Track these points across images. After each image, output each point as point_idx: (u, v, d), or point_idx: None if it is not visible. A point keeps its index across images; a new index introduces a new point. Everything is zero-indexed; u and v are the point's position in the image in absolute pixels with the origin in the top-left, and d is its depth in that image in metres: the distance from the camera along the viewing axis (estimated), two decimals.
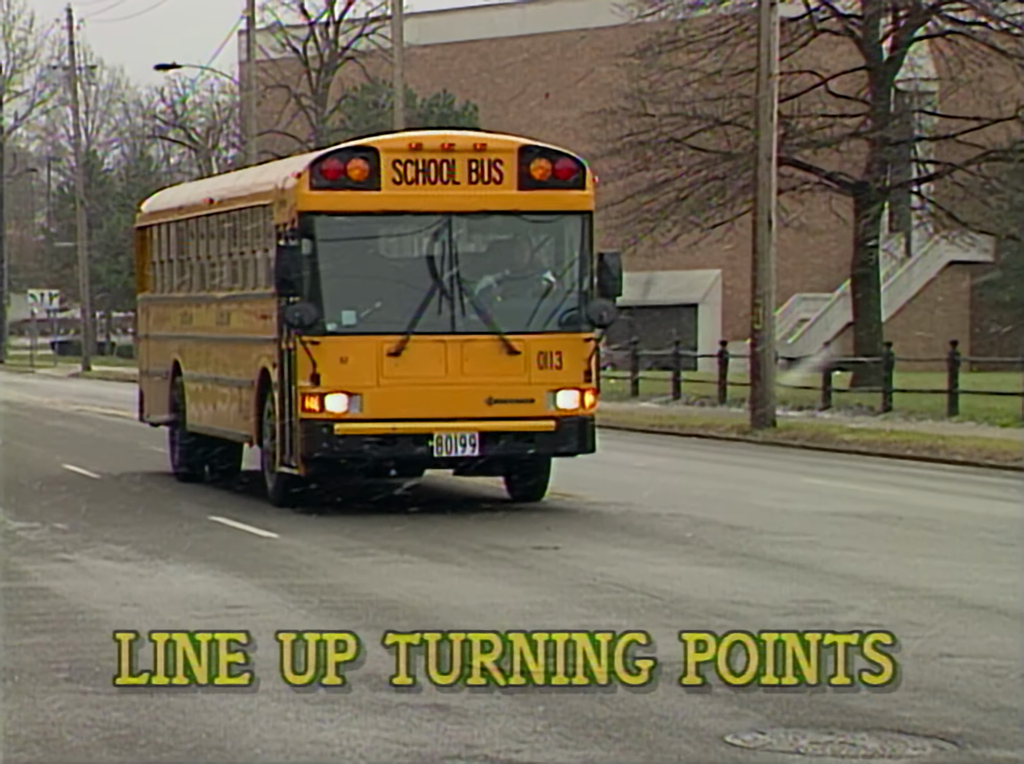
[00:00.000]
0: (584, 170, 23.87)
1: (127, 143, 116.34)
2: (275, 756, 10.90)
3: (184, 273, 29.36)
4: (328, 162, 23.37)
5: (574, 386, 23.35)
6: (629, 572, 18.88)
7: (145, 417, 31.73)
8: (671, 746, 11.05)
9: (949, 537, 22.57)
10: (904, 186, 60.96)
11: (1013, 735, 11.36)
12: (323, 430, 22.78)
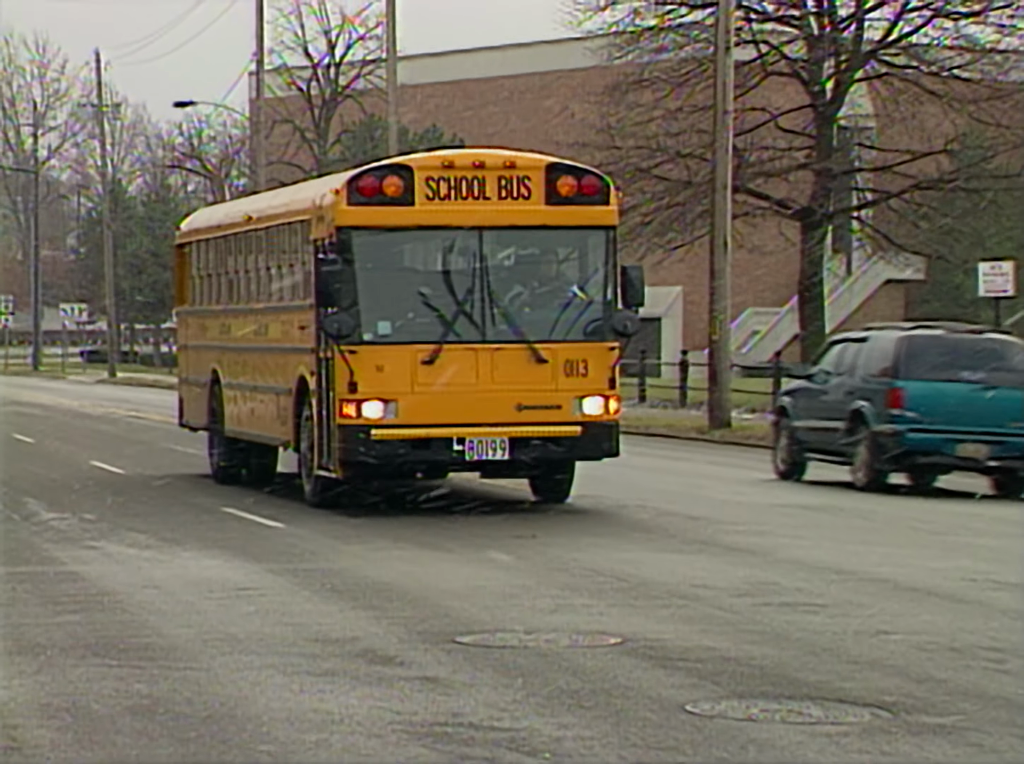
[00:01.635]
0: (608, 187, 22.94)
1: (149, 173, 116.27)
2: (281, 723, 10.89)
3: (223, 287, 28.25)
4: (365, 179, 22.27)
5: (599, 393, 22.38)
6: (599, 557, 18.87)
7: (184, 422, 30.68)
8: (636, 714, 11.05)
9: (884, 527, 22.59)
10: (845, 212, 61.24)
11: (942, 703, 11.38)
12: (360, 435, 21.75)
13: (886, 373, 26.15)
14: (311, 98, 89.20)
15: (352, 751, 10.17)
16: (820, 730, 10.63)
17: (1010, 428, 25.90)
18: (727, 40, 37.22)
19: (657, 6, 57.38)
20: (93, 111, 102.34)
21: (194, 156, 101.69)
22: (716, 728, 10.66)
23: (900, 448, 25.73)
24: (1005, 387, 26.27)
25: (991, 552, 19.60)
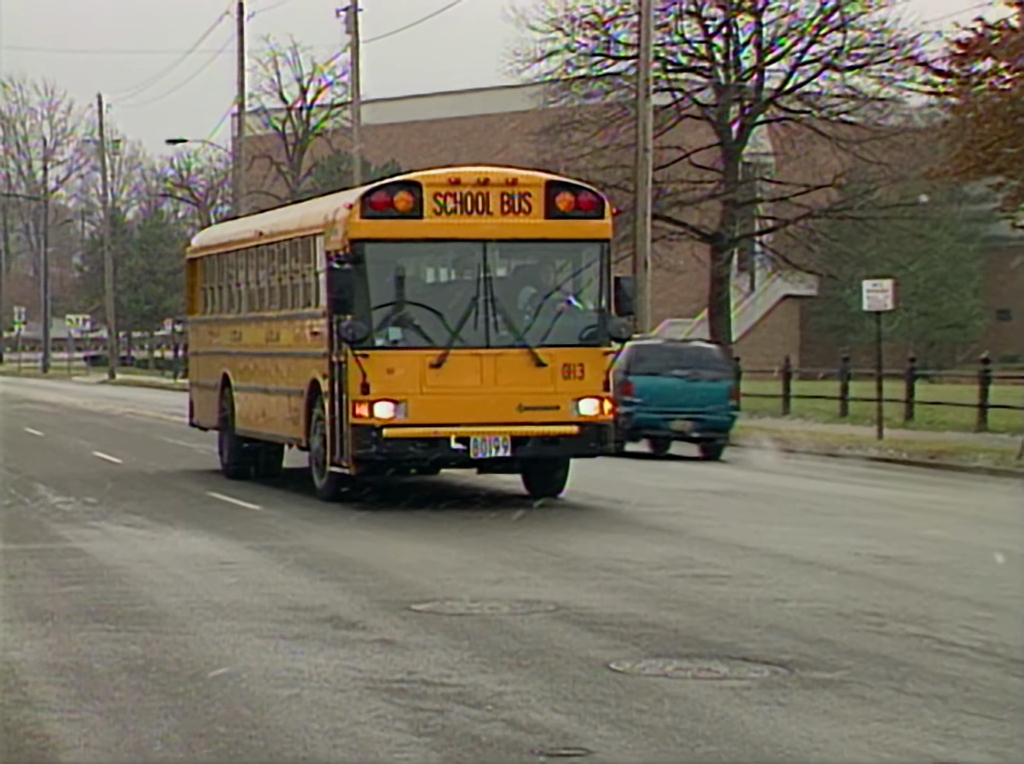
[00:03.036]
0: (603, 202, 21.78)
1: (144, 201, 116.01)
2: (258, 680, 10.86)
3: (234, 297, 27.07)
4: (376, 194, 21.12)
5: (594, 395, 21.22)
6: (536, 536, 18.87)
7: (194, 423, 29.49)
8: (567, 671, 11.06)
9: (783, 508, 22.66)
10: (749, 236, 61.55)
11: (830, 661, 11.42)
12: (372, 434, 20.63)
13: (622, 371, 29.21)
14: (285, 136, 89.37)
15: (320, 704, 10.15)
16: (726, 685, 10.66)
17: (709, 410, 31.35)
18: (647, 88, 37.25)
19: (586, 58, 57.61)
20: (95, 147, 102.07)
21: (183, 186, 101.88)
22: (636, 684, 10.67)
23: (631, 424, 30.42)
24: (706, 380, 31.79)
25: (873, 530, 19.67)
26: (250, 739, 9.32)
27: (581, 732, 9.39)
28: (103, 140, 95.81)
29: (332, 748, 9.08)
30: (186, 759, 8.90)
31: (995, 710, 9.93)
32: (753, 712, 9.87)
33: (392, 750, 9.02)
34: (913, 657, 11.58)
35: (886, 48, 56.69)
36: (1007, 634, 12.49)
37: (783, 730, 9.43)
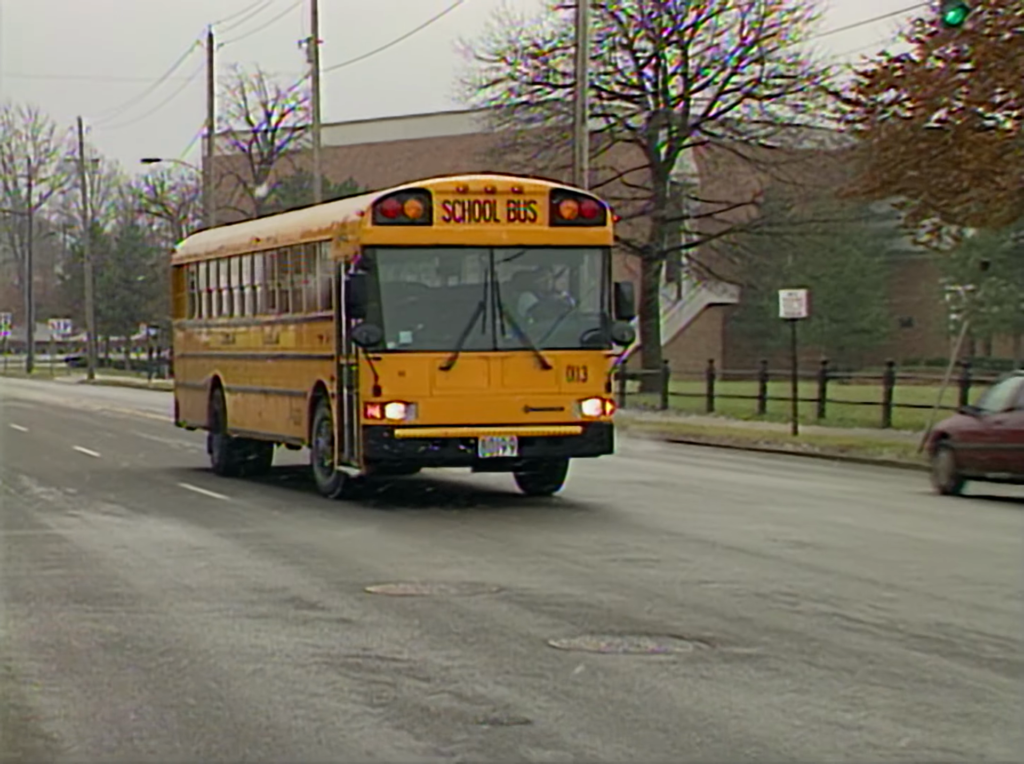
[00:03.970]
0: (605, 210, 20.81)
1: (121, 215, 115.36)
2: (225, 656, 10.83)
3: (227, 301, 25.73)
4: (388, 202, 20.03)
5: (597, 396, 20.27)
6: (482, 524, 18.88)
7: (180, 422, 28.24)
8: (509, 647, 11.06)
9: (707, 498, 22.71)
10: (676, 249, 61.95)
11: (749, 637, 11.46)
12: (384, 434, 19.62)
13: None
14: (251, 156, 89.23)
15: (282, 678, 10.12)
16: (654, 659, 10.68)
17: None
18: (583, 113, 37.28)
19: (527, 86, 57.77)
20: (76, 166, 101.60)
21: (157, 202, 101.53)
22: (572, 658, 10.68)
23: None
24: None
25: (788, 518, 19.74)
26: (217, 710, 9.29)
27: (522, 703, 9.39)
28: (83, 159, 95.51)
29: (292, 718, 9.06)
30: (158, 728, 8.86)
31: (896, 681, 9.99)
32: (678, 684, 9.90)
33: (347, 720, 9.01)
34: (823, 633, 11.63)
35: (800, 79, 57.09)
36: (908, 612, 12.56)
37: (705, 700, 9.46)
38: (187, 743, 8.55)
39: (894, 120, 38.91)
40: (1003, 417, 22.80)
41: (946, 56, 38.06)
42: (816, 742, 8.46)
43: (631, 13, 57.83)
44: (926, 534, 18.41)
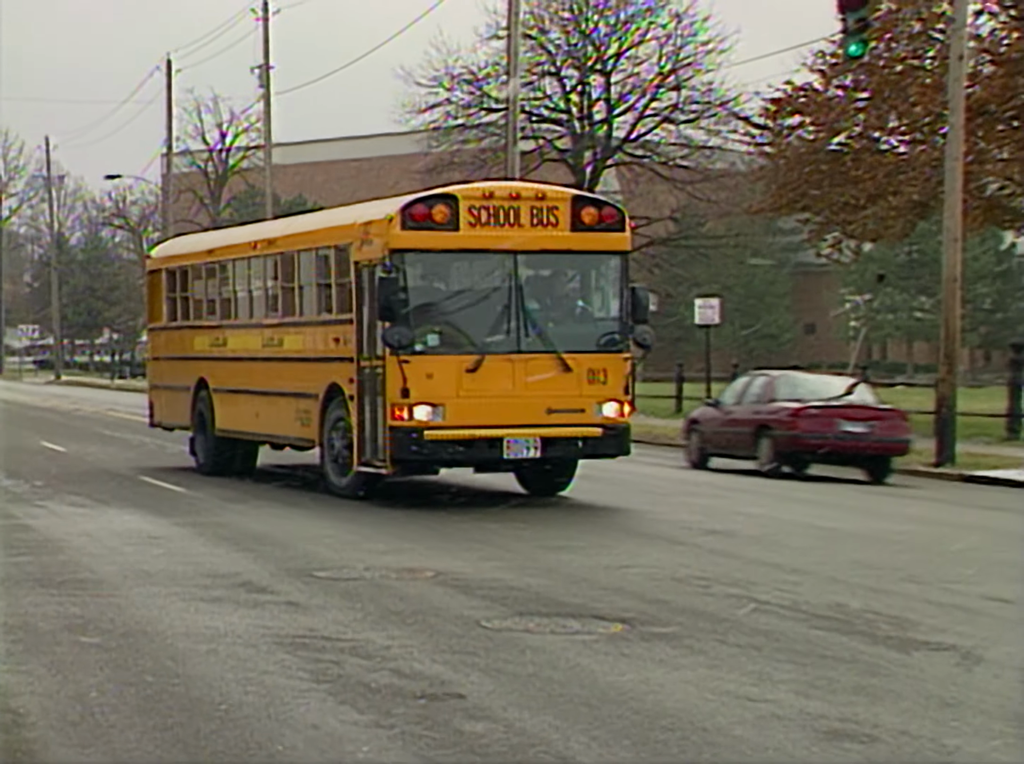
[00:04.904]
0: (624, 216, 19.78)
1: (85, 228, 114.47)
2: (180, 636, 10.75)
3: (218, 304, 24.42)
4: (416, 207, 18.88)
5: (616, 398, 19.30)
6: (420, 514, 18.89)
7: (156, 423, 26.92)
8: (445, 628, 11.04)
9: (628, 490, 22.72)
10: None
11: (665, 617, 11.47)
12: (413, 436, 18.59)
13: None
14: (207, 174, 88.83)
15: (234, 657, 10.06)
16: (578, 638, 10.69)
17: None
18: (514, 135, 37.29)
19: (463, 110, 57.78)
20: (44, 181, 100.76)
21: (120, 216, 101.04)
22: (503, 638, 10.67)
23: None
24: None
25: (702, 508, 19.81)
26: (173, 686, 9.22)
27: (456, 679, 9.38)
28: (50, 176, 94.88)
29: (244, 694, 9.00)
30: (118, 704, 8.79)
31: (799, 657, 10.03)
32: (600, 661, 9.90)
33: (295, 695, 8.96)
34: (733, 614, 11.66)
35: (713, 105, 57.39)
36: (811, 594, 12.62)
37: (625, 676, 9.47)
38: (145, 717, 8.48)
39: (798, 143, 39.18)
40: (733, 408, 26.68)
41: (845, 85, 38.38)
42: (726, 714, 8.49)
43: (558, 44, 58.04)
44: (828, 522, 18.52)
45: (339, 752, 7.76)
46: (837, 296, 79.16)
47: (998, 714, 8.57)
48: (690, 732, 8.06)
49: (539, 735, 8.01)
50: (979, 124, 35.22)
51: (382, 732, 8.12)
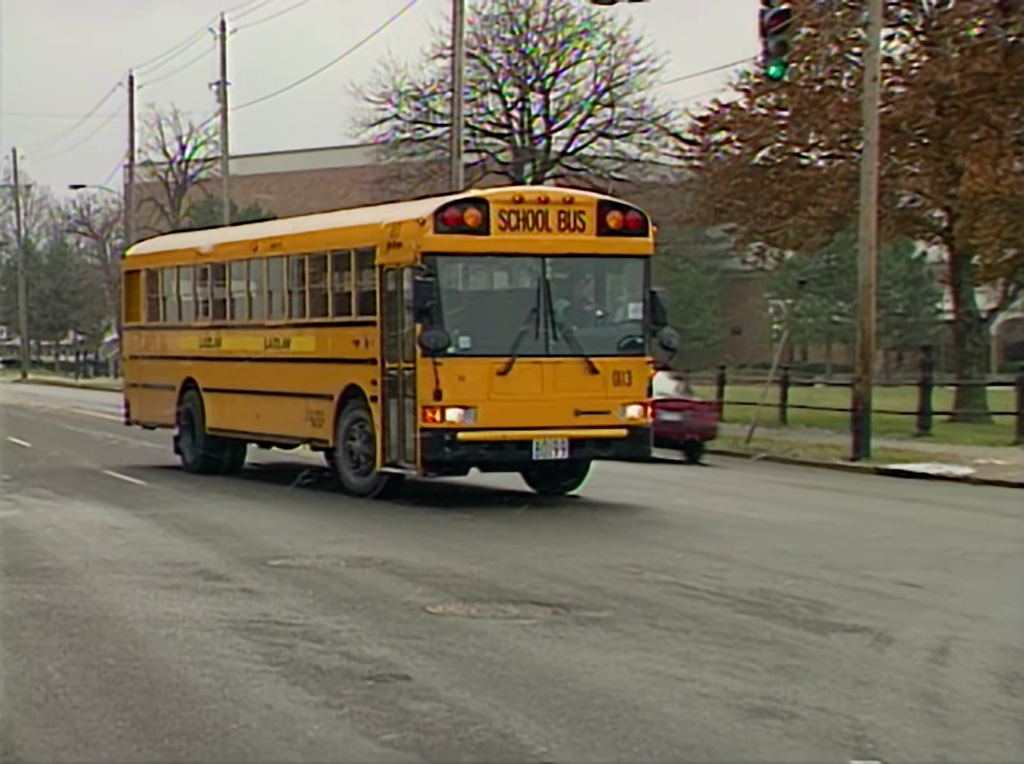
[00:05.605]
0: (647, 221, 18.93)
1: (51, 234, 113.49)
2: (141, 622, 10.68)
3: (212, 305, 23.30)
4: (449, 211, 18.01)
5: (639, 401, 18.62)
6: (369, 506, 18.79)
7: (133, 421, 25.78)
8: (391, 613, 11.02)
9: None
10: None
11: (600, 603, 11.50)
12: (446, 437, 17.80)
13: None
14: (167, 184, 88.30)
15: (191, 641, 10.00)
16: (517, 623, 10.69)
17: None
18: (458, 149, 37.26)
19: (410, 124, 57.73)
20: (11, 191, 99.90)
21: (84, 223, 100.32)
22: (447, 623, 10.66)
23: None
24: None
25: (635, 500, 19.84)
26: (134, 669, 9.16)
27: (402, 662, 9.36)
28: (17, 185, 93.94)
29: (200, 676, 8.95)
30: (80, 685, 8.72)
31: (724, 639, 10.08)
32: (538, 644, 9.91)
33: (249, 677, 8.92)
34: (663, 599, 11.70)
35: (645, 121, 57.63)
36: (736, 581, 12.68)
37: (562, 658, 9.48)
38: (106, 698, 8.42)
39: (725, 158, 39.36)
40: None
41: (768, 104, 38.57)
42: (655, 693, 8.51)
43: (500, 63, 58.13)
44: (753, 513, 18.60)
45: (291, 730, 7.73)
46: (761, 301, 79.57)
47: (907, 691, 8.64)
48: (622, 710, 8.08)
49: (480, 714, 8.01)
50: (892, 141, 35.51)
51: (331, 711, 8.09)
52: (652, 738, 7.55)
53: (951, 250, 38.83)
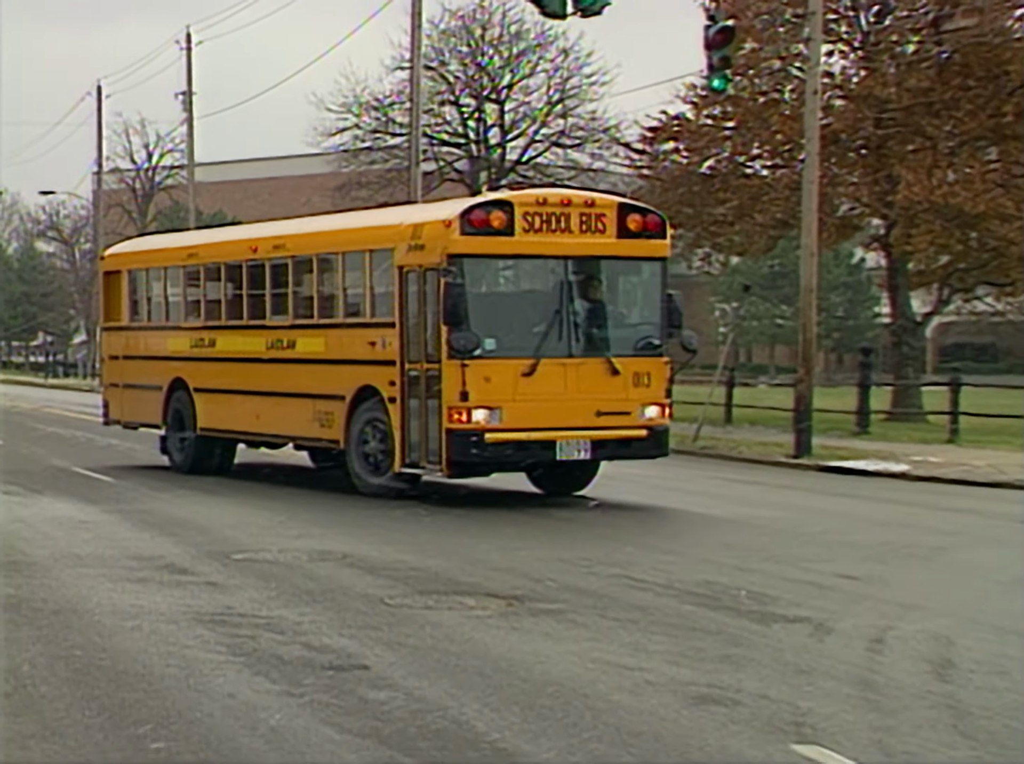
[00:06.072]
0: (665, 223, 18.57)
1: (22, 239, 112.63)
2: (108, 614, 10.62)
3: (202, 306, 22.64)
4: (476, 212, 17.52)
5: (658, 401, 18.24)
6: (331, 501, 18.76)
7: (112, 421, 24.93)
8: (351, 605, 11.00)
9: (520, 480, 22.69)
10: None
11: (552, 595, 11.50)
12: (474, 438, 17.30)
13: None
14: (135, 190, 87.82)
15: (157, 633, 9.95)
16: (473, 614, 10.69)
17: None
18: (417, 158, 37.21)
19: (370, 134, 57.63)
20: None
21: (54, 228, 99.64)
22: (404, 614, 10.65)
23: None
24: None
25: (590, 497, 19.84)
26: (100, 660, 9.10)
27: (361, 652, 9.34)
28: None
29: (166, 666, 8.91)
30: (49, 676, 8.66)
31: (671, 630, 10.10)
32: (493, 635, 9.91)
33: (213, 667, 8.88)
34: (613, 591, 11.72)
35: (596, 131, 57.76)
36: (683, 573, 12.71)
37: (515, 648, 9.48)
38: (74, 688, 8.36)
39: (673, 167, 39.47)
40: None
41: (714, 115, 38.72)
42: (605, 681, 8.53)
43: (457, 75, 58.14)
44: (699, 509, 18.65)
45: (253, 719, 7.70)
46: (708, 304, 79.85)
47: (846, 679, 8.68)
48: (573, 698, 8.09)
49: (436, 702, 8.00)
50: (832, 152, 35.71)
51: (292, 700, 8.07)
52: (602, 725, 7.56)
53: (888, 256, 39.08)
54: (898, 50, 36.53)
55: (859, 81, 36.67)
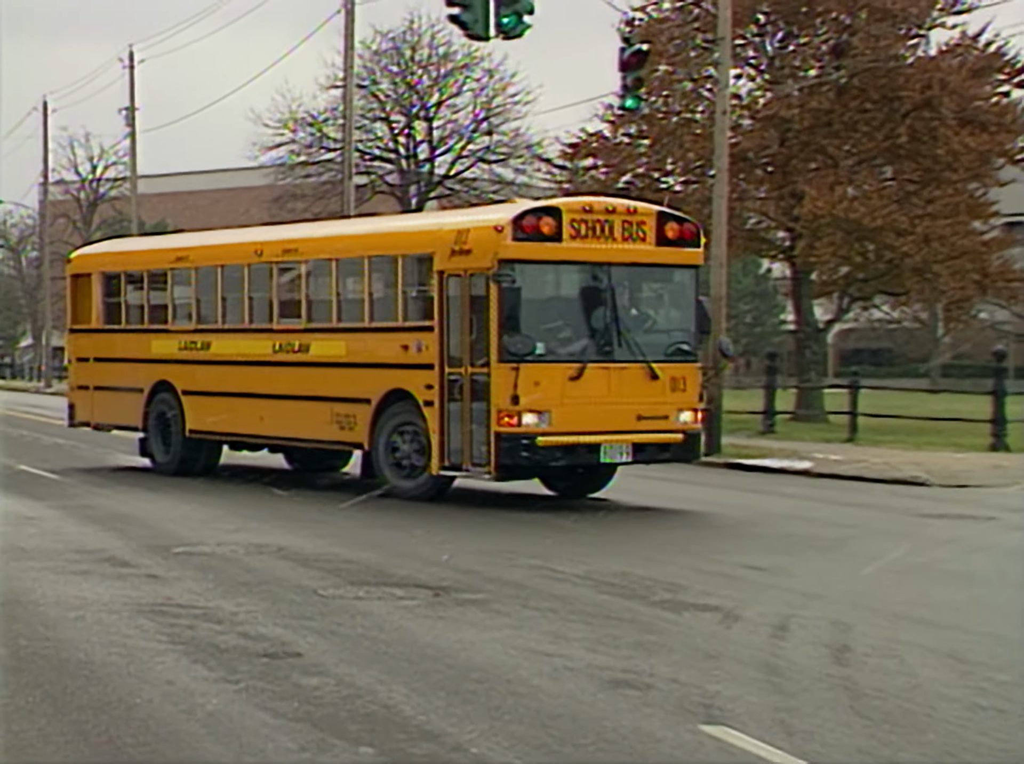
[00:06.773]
0: (699, 232, 18.15)
1: None
2: (52, 605, 10.48)
3: (192, 308, 21.65)
4: (527, 219, 16.99)
5: (692, 406, 17.85)
6: (266, 498, 18.66)
7: (80, 422, 23.94)
8: (286, 596, 10.93)
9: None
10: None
11: (477, 585, 11.50)
12: (524, 442, 16.74)
13: None
14: (80, 201, 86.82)
15: (100, 623, 9.84)
16: (401, 604, 10.66)
17: None
18: (350, 171, 37.07)
19: (305, 148, 57.39)
20: None
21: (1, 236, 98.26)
22: (337, 605, 10.61)
23: None
24: None
25: (513, 492, 19.85)
26: (44, 649, 8.99)
27: (295, 640, 9.29)
28: None
29: (107, 655, 8.81)
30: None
31: (589, 618, 10.13)
32: (420, 624, 9.89)
33: (153, 655, 8.80)
34: (535, 582, 11.74)
35: (520, 148, 57.91)
36: (601, 565, 12.76)
37: (442, 636, 9.47)
38: (18, 676, 8.25)
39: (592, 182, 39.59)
40: None
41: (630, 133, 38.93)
42: (527, 667, 8.54)
43: (388, 93, 58.05)
44: (617, 503, 18.69)
45: (191, 704, 7.64)
46: None
47: (751, 663, 8.76)
48: (496, 683, 8.10)
49: (366, 687, 7.98)
50: (741, 168, 36.02)
51: (229, 686, 8.01)
52: (523, 708, 7.57)
53: (793, 267, 39.47)
54: (801, 74, 36.95)
55: (765, 103, 37.04)
